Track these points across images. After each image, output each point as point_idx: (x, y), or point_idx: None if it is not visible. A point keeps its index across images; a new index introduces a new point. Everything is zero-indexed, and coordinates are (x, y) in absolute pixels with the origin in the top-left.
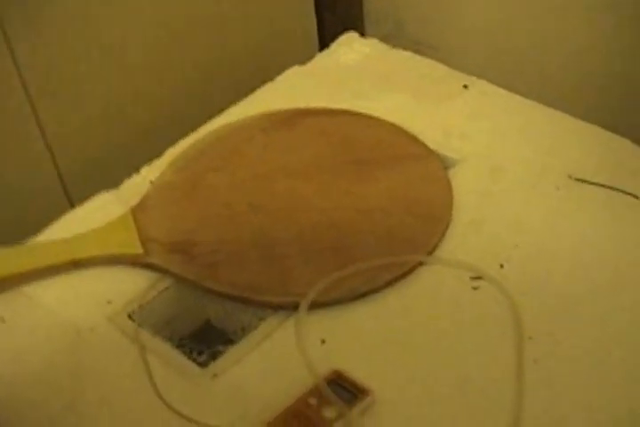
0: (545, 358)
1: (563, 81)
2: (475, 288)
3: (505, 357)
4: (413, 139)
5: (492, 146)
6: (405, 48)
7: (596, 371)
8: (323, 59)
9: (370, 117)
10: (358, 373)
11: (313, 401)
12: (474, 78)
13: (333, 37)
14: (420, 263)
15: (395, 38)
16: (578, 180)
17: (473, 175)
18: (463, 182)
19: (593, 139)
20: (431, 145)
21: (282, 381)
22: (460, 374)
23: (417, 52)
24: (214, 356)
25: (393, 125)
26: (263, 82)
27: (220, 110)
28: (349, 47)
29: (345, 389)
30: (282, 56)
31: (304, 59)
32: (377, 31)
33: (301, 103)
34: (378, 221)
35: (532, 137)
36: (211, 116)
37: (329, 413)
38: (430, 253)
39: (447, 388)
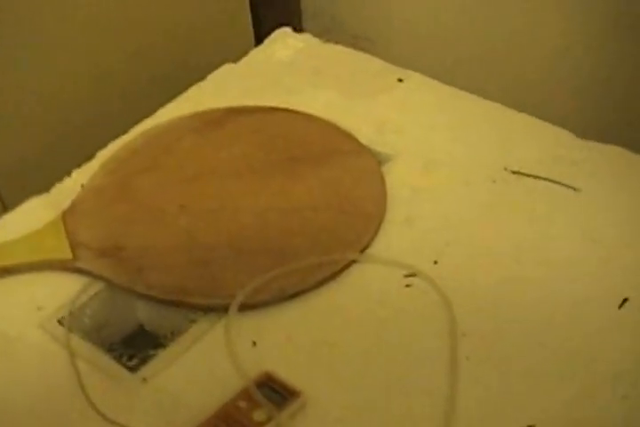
0: (478, 355)
1: (503, 73)
2: (408, 286)
3: (438, 354)
4: (346, 135)
5: (427, 140)
6: (343, 42)
7: (528, 367)
8: (256, 55)
9: (302, 114)
10: (289, 374)
11: (243, 404)
12: (409, 71)
13: (270, 34)
14: (352, 262)
15: (332, 33)
16: (514, 172)
17: (407, 170)
18: (397, 178)
19: (531, 131)
20: (365, 141)
21: (212, 384)
22: (392, 374)
23: (354, 46)
24: (145, 360)
25: (326, 122)
26: (197, 81)
27: (152, 111)
28: (283, 43)
29: (275, 391)
30: (216, 54)
31: (241, 56)
32: (315, 26)
33: (234, 101)
34: (309, 219)
35: (468, 130)
36: (143, 116)
37: (259, 416)
38: (363, 251)
39: (379, 388)
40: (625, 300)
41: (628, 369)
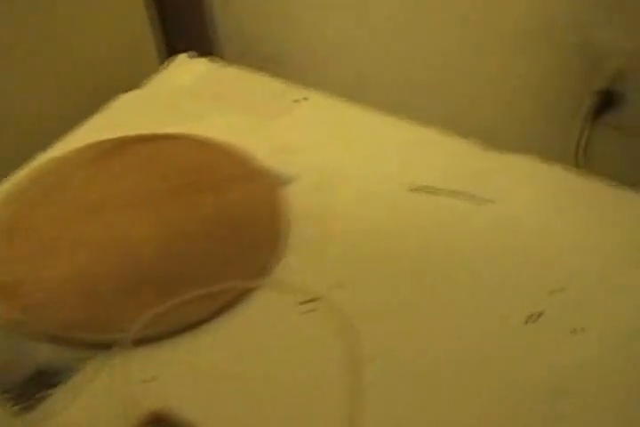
0: (384, 380)
1: (409, 88)
2: (307, 312)
3: (342, 381)
4: (244, 159)
5: (327, 160)
6: (256, 66)
7: (441, 392)
8: (156, 82)
9: (199, 140)
10: (187, 410)
11: None
12: (311, 91)
13: None
14: (250, 290)
15: (247, 57)
16: (417, 189)
17: (307, 192)
18: (297, 201)
19: (435, 144)
20: (265, 163)
21: (105, 423)
22: (293, 404)
23: (266, 69)
24: (38, 403)
25: (223, 147)
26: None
27: (50, 144)
28: (183, 68)
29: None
30: (122, 83)
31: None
32: (229, 51)
33: (133, 130)
34: (204, 248)
35: (369, 147)
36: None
37: None
38: (261, 277)
39: (281, 419)
40: (538, 314)
41: (555, 387)
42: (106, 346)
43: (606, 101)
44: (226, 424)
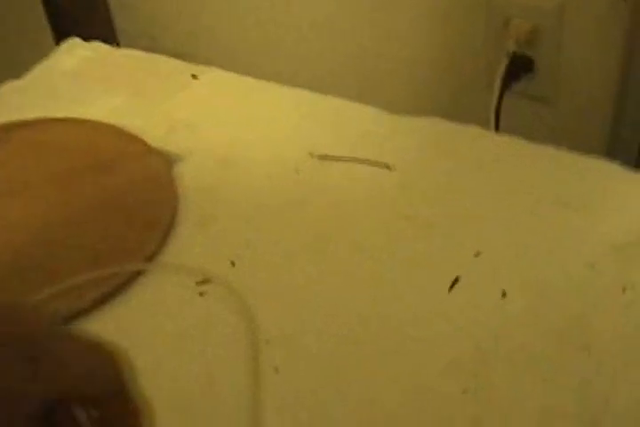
0: (285, 364)
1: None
2: (201, 294)
3: (241, 367)
4: (131, 138)
5: (222, 136)
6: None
7: (345, 373)
8: (40, 69)
9: (85, 122)
10: None
11: None
12: (204, 68)
13: None
14: (137, 274)
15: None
16: (320, 157)
17: (201, 170)
18: (190, 178)
19: (336, 112)
20: (154, 142)
21: None
22: (188, 394)
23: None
24: None
25: (110, 127)
26: None
27: None
28: (70, 53)
29: None
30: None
31: None
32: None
33: (15, 118)
34: (89, 233)
35: (267, 121)
36: None
37: None
38: (150, 260)
39: (178, 411)
40: (456, 279)
41: (464, 359)
42: None
43: (517, 68)
44: None
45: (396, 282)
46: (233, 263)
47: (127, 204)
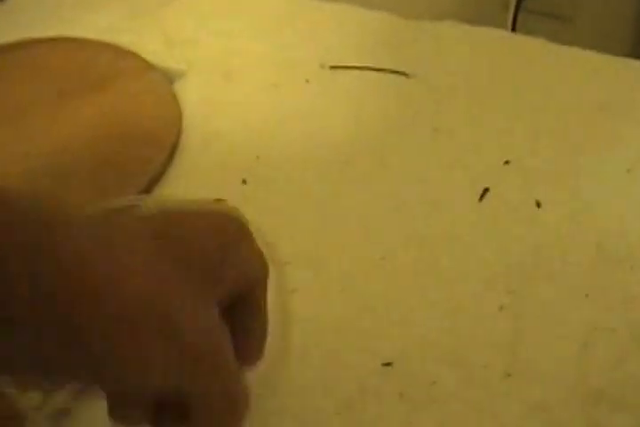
0: (307, 286)
1: None
2: None
3: None
4: (127, 54)
5: (224, 48)
6: None
7: (367, 294)
8: None
9: (73, 40)
10: None
11: None
12: None
13: None
14: (143, 195)
15: None
16: (332, 67)
17: (204, 84)
18: (192, 94)
19: (346, 20)
20: (151, 58)
21: None
22: None
23: None
24: None
25: (103, 44)
26: None
27: None
28: None
29: None
30: None
31: None
32: None
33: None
34: (85, 156)
35: (272, 30)
36: None
37: None
38: (156, 180)
39: None
40: (485, 190)
41: (501, 273)
42: None
43: None
44: None
45: (424, 196)
46: (244, 181)
47: (127, 123)
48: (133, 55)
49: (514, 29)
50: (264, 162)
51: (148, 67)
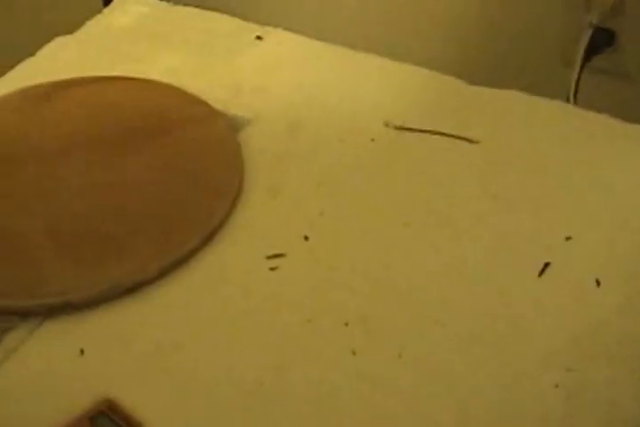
0: (369, 348)
1: (381, 22)
2: (273, 269)
3: (314, 351)
4: (194, 100)
5: (291, 99)
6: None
7: (427, 356)
8: (93, 25)
9: (143, 81)
10: (126, 393)
11: None
12: (269, 28)
13: None
14: (203, 244)
15: None
16: (397, 128)
17: (269, 135)
18: (257, 144)
19: (413, 81)
20: (218, 105)
21: (29, 410)
22: (262, 381)
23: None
24: None
25: (170, 87)
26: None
27: None
28: (123, 10)
29: (114, 422)
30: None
31: None
32: None
33: (66, 76)
34: (148, 198)
35: (339, 85)
36: None
37: None
38: (216, 231)
39: (251, 408)
40: (546, 265)
41: (558, 350)
42: (28, 315)
43: (598, 41)
44: (171, 419)
45: (482, 265)
46: (306, 237)
47: (191, 169)
48: (199, 101)
49: (577, 86)
50: (327, 218)
51: (216, 114)
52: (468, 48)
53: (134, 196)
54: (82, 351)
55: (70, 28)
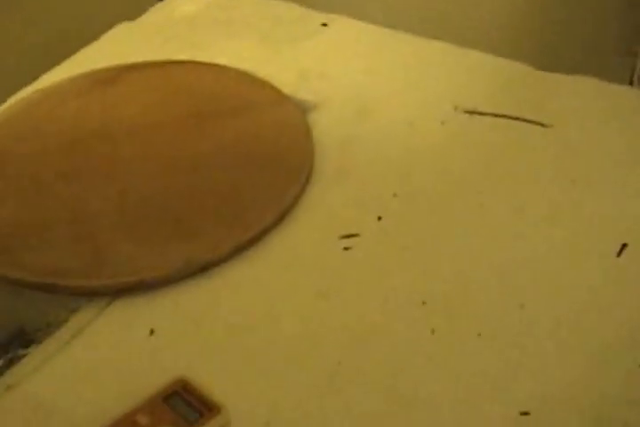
0: (448, 327)
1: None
2: (347, 248)
3: (395, 331)
4: (263, 84)
5: (359, 84)
6: None
7: (508, 338)
8: (156, 12)
9: (210, 65)
10: (199, 374)
11: (143, 420)
12: (333, 16)
13: None
14: (275, 225)
15: None
16: (467, 112)
17: (336, 118)
18: (325, 127)
19: (481, 66)
20: (286, 89)
21: (99, 391)
22: (338, 364)
23: None
24: (12, 362)
25: (239, 72)
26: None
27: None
28: None
29: (188, 402)
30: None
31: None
32: None
33: (130, 60)
34: (220, 179)
35: (407, 71)
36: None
37: None
38: (287, 211)
39: (322, 385)
40: (624, 245)
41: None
42: (96, 294)
43: None
44: (250, 402)
45: (561, 247)
46: (380, 218)
47: (261, 151)
48: (268, 85)
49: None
50: (401, 199)
51: (283, 98)
52: (533, 37)
53: (205, 177)
54: (152, 332)
55: (132, 15)
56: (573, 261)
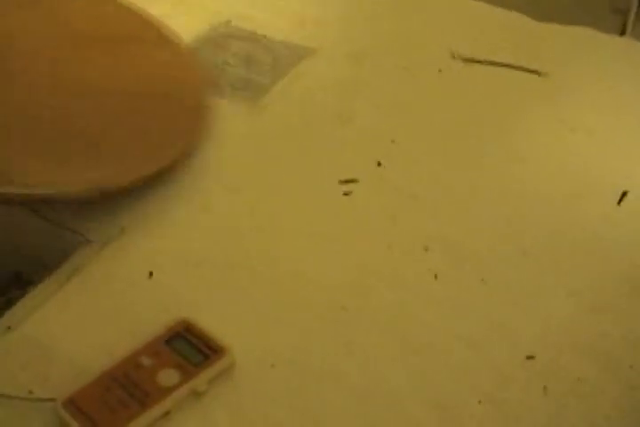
0: (446, 269)
1: None
2: (346, 194)
3: (397, 275)
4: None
5: (355, 30)
6: None
7: (509, 280)
8: None
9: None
10: (201, 315)
11: (146, 361)
12: None
13: None
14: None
15: None
16: (465, 60)
17: (333, 63)
18: (322, 73)
19: (479, 16)
20: (280, 36)
21: (101, 332)
22: (343, 305)
23: None
24: (10, 304)
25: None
26: None
27: None
28: None
29: (192, 344)
30: None
31: None
32: None
33: None
34: (144, 107)
35: (403, 19)
36: None
37: (167, 378)
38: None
39: (327, 332)
40: (624, 193)
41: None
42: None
43: None
44: (255, 343)
45: (562, 192)
46: (379, 164)
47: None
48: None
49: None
50: (399, 145)
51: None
52: None
53: (125, 102)
54: (150, 274)
55: None
56: (573, 206)
